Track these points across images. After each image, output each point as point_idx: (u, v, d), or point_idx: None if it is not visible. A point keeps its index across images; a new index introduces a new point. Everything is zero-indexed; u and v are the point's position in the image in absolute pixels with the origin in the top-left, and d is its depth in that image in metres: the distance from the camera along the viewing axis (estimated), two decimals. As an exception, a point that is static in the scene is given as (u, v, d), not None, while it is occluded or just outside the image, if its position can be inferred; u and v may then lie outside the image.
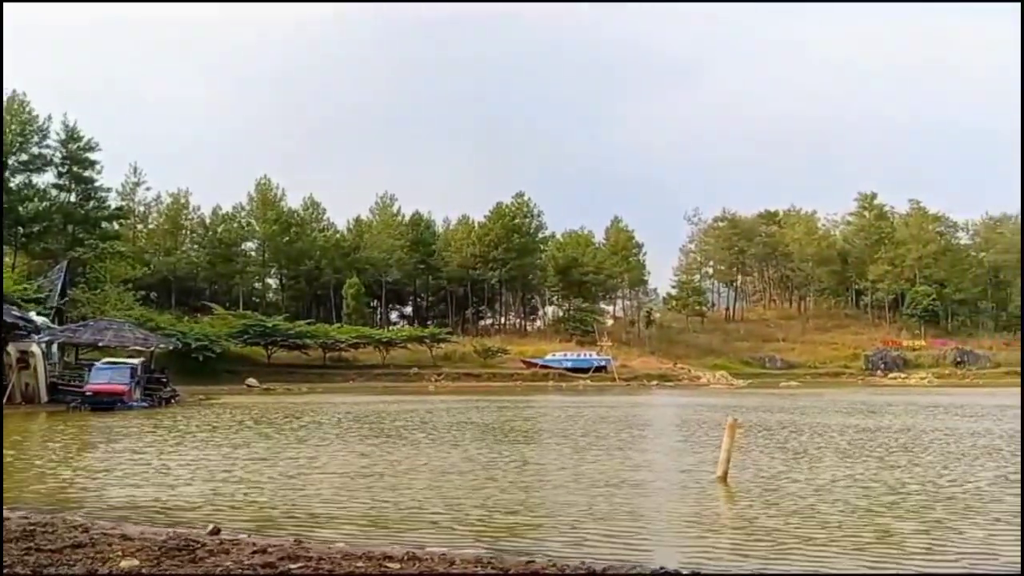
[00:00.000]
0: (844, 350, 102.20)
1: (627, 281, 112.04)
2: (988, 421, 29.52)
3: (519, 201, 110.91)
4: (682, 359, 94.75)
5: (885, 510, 11.63)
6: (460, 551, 8.74)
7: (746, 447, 19.50)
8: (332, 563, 7.62)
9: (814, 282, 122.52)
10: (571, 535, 10.09)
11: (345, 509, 11.68)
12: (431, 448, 19.92)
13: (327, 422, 28.91)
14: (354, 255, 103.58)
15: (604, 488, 13.65)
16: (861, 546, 9.45)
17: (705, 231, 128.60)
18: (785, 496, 12.94)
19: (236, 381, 67.32)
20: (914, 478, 14.70)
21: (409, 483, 14.07)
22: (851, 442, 21.69)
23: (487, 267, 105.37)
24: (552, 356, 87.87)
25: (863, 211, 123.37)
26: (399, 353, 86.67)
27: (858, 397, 51.65)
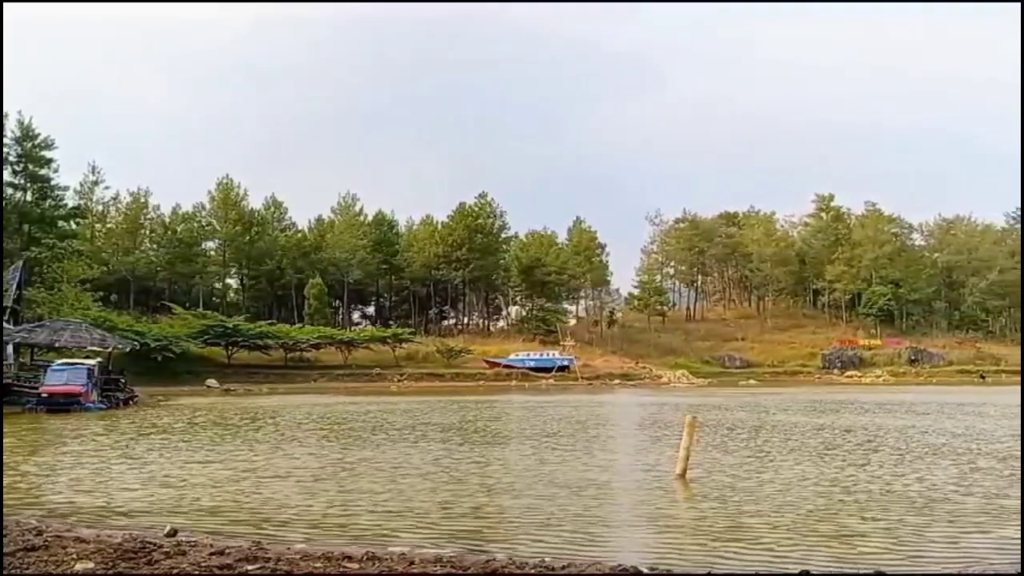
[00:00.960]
0: (802, 349, 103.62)
1: (590, 281, 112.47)
2: (947, 420, 30.12)
3: (482, 201, 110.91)
4: (644, 358, 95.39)
5: (842, 508, 11.81)
6: (420, 551, 8.73)
7: (705, 445, 19.75)
8: (290, 564, 7.62)
9: (773, 282, 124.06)
10: (532, 534, 10.16)
11: (305, 511, 11.63)
12: (392, 449, 19.86)
13: (287, 424, 28.70)
14: (316, 255, 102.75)
15: (565, 487, 13.73)
16: (818, 544, 9.59)
17: (666, 232, 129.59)
18: (743, 493, 13.12)
19: (196, 382, 66.55)
20: (871, 477, 14.91)
21: (370, 485, 14.03)
22: (809, 440, 22.04)
23: (450, 267, 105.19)
24: (515, 356, 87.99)
25: (820, 212, 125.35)
26: (362, 354, 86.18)
27: (816, 395, 52.40)
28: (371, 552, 8.33)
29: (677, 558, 8.90)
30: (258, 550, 8.24)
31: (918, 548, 9.37)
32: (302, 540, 9.40)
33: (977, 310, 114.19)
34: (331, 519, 11.07)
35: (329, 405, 41.00)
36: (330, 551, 8.34)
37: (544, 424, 28.21)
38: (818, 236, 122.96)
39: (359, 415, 33.05)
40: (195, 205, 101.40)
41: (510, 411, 36.91)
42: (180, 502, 12.34)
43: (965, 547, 9.38)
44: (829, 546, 9.50)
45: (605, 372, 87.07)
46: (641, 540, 10.17)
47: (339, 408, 38.21)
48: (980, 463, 16.72)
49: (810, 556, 8.94)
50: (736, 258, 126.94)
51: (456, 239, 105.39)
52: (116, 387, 40.77)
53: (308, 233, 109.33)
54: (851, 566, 8.49)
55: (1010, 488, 13.38)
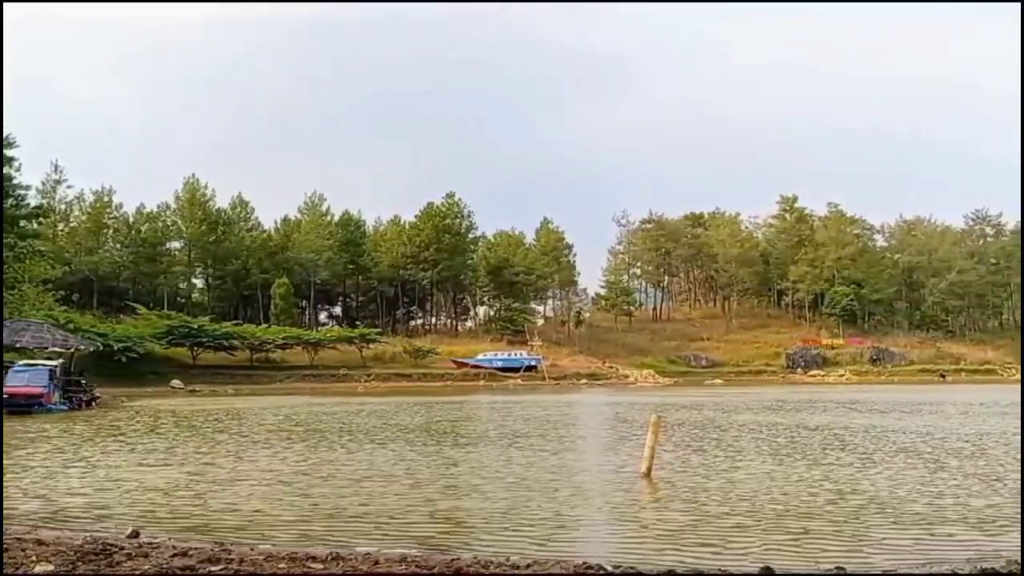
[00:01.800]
0: (766, 348, 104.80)
1: (557, 281, 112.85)
2: (910, 419, 30.60)
3: (450, 201, 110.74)
4: (611, 358, 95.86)
5: (806, 506, 11.94)
6: (385, 551, 8.73)
7: (670, 444, 19.94)
8: (254, 565, 7.61)
9: (737, 282, 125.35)
10: (499, 534, 10.19)
11: (270, 513, 11.57)
12: (358, 451, 19.79)
13: (252, 425, 28.49)
14: (282, 255, 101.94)
15: (531, 487, 13.80)
16: (781, 541, 9.71)
17: (633, 233, 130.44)
18: (707, 492, 13.26)
19: (161, 383, 65.71)
20: (835, 476, 15.06)
21: (336, 486, 13.98)
22: (773, 440, 22.31)
23: (418, 267, 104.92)
24: (483, 356, 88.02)
25: (784, 214, 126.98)
26: (328, 354, 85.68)
27: (780, 395, 53.03)
28: (336, 552, 8.34)
29: (641, 556, 8.96)
30: (221, 551, 8.21)
31: (881, 546, 9.48)
32: (266, 542, 9.35)
33: (937, 310, 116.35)
34: (296, 521, 11.02)
35: (295, 406, 40.73)
36: (294, 552, 8.33)
37: (511, 424, 28.27)
38: (782, 237, 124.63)
39: (325, 416, 32.88)
40: (160, 205, 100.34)
41: (477, 411, 36.95)
42: (142, 504, 12.22)
43: (928, 546, 9.48)
44: (792, 544, 9.60)
45: (572, 372, 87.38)
46: (606, 539, 10.25)
47: (305, 409, 37.98)
48: (947, 462, 16.93)
49: (773, 553, 9.04)
50: (702, 258, 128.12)
51: (423, 239, 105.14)
52: (79, 388, 40.20)
53: (274, 233, 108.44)
54: (813, 564, 8.57)
55: (977, 487, 13.56)
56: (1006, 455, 18.22)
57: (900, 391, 57.85)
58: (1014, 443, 20.64)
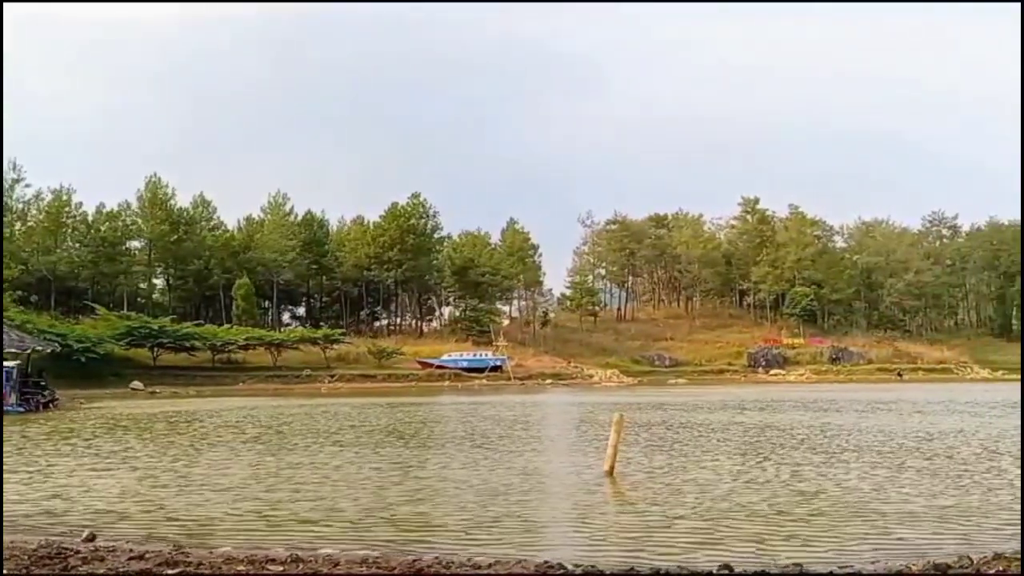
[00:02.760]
0: (728, 348, 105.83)
1: (523, 282, 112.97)
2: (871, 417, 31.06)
3: (415, 202, 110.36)
4: (576, 358, 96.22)
5: (766, 505, 12.09)
6: (346, 553, 8.73)
7: (633, 443, 20.10)
8: (213, 568, 7.58)
9: (700, 283, 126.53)
10: (462, 534, 10.23)
11: (230, 516, 11.49)
12: (320, 453, 19.68)
13: (213, 427, 28.23)
14: (245, 255, 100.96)
15: (495, 487, 13.85)
16: (741, 539, 9.84)
17: (598, 233, 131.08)
18: (669, 490, 13.41)
19: (120, 384, 64.81)
20: (797, 475, 15.26)
21: (298, 488, 13.92)
22: (735, 438, 22.58)
23: (382, 268, 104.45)
24: (448, 356, 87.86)
25: (746, 215, 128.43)
26: (291, 355, 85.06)
27: (742, 394, 53.64)
28: (296, 554, 8.32)
29: (603, 554, 9.04)
30: (179, 554, 8.17)
31: (838, 544, 9.61)
32: (225, 544, 9.28)
33: (895, 310, 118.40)
34: (256, 524, 10.97)
35: (257, 408, 40.36)
36: (254, 554, 8.30)
37: (476, 425, 28.27)
38: (744, 238, 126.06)
39: (287, 418, 32.64)
40: (120, 204, 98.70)
41: (442, 412, 36.89)
42: (98, 508, 12.07)
43: (884, 543, 9.62)
44: (752, 541, 9.71)
45: (538, 372, 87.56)
46: (569, 537, 10.31)
47: (267, 411, 37.65)
48: (903, 461, 17.17)
49: (733, 551, 9.14)
50: (665, 259, 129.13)
51: (388, 239, 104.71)
52: (36, 390, 39.49)
53: (237, 233, 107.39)
54: (773, 562, 8.66)
55: (931, 485, 13.78)
56: (960, 453, 18.61)
57: (859, 390, 58.80)
58: (971, 441, 21.10)
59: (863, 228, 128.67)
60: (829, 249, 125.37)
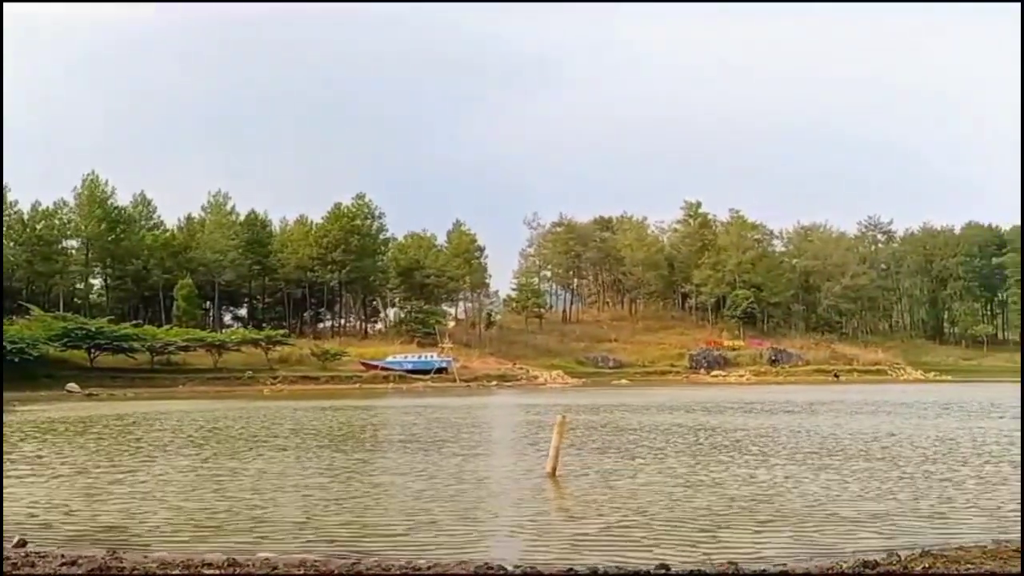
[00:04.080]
0: (671, 350, 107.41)
1: (469, 283, 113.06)
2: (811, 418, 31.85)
3: (359, 202, 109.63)
4: (521, 359, 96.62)
5: (705, 505, 12.30)
6: (285, 556, 8.71)
7: (576, 445, 20.27)
8: (147, 572, 7.54)
9: (644, 285, 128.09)
10: (404, 537, 10.26)
11: (166, 521, 11.36)
12: (260, 456, 19.52)
13: (151, 430, 27.73)
14: (185, 255, 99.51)
15: (438, 490, 13.91)
16: (680, 539, 10.03)
17: (544, 235, 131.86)
18: (610, 491, 13.59)
19: (56, 386, 63.15)
20: (735, 475, 15.52)
21: (236, 492, 13.80)
22: (675, 440, 22.91)
23: (326, 269, 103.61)
24: (392, 358, 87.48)
25: (689, 219, 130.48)
26: (233, 356, 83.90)
27: (684, 395, 54.37)
28: (232, 558, 8.28)
29: (543, 555, 9.14)
30: (113, 559, 8.08)
31: (773, 543, 9.82)
32: (161, 549, 9.21)
33: (831, 313, 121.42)
34: (193, 528, 10.88)
35: (197, 410, 39.70)
36: (190, 558, 8.24)
37: (419, 427, 28.26)
38: (686, 241, 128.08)
39: (227, 420, 32.20)
40: (56, 202, 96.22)
41: (386, 415, 36.73)
42: (29, 514, 11.83)
43: (816, 542, 9.84)
44: (689, 541, 9.90)
45: (483, 373, 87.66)
46: (510, 538, 10.40)
47: (207, 413, 37.09)
48: (834, 462, 17.56)
49: (671, 551, 9.32)
50: (610, 262, 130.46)
51: (331, 240, 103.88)
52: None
53: (177, 232, 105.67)
54: (709, 561, 8.79)
55: (864, 486, 14.06)
56: (890, 453, 19.19)
57: (797, 391, 59.97)
58: (904, 442, 21.68)
59: (801, 232, 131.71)
60: (768, 253, 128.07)
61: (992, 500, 12.59)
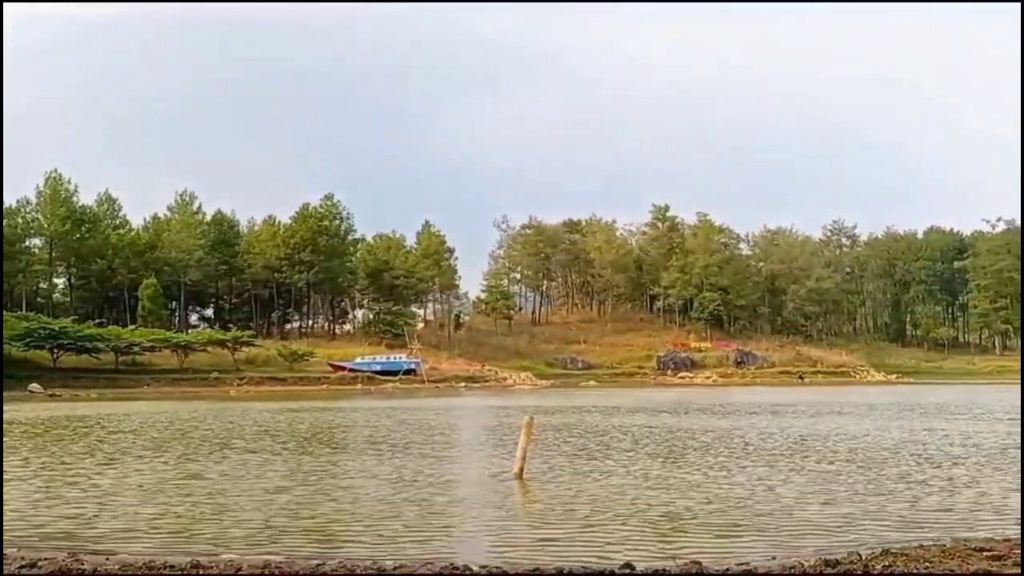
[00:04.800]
0: (639, 351, 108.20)
1: (438, 285, 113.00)
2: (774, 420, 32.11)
3: (328, 203, 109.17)
4: (490, 361, 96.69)
5: (671, 506, 12.41)
6: (248, 558, 8.70)
7: (543, 445, 20.27)
8: (108, 575, 7.53)
9: (612, 288, 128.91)
10: (371, 539, 10.28)
11: (129, 523, 11.30)
12: (227, 458, 19.41)
13: (115, 431, 27.44)
14: (151, 254, 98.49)
15: (405, 490, 13.94)
16: (645, 539, 10.14)
17: (513, 237, 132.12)
18: (577, 491, 13.70)
19: (18, 387, 62.10)
20: (702, 477, 15.63)
21: (202, 495, 13.74)
22: (641, 441, 23.07)
23: (294, 269, 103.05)
24: (361, 359, 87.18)
25: (657, 222, 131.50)
26: (199, 357, 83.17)
27: (651, 396, 54.75)
28: (196, 561, 8.25)
29: (510, 555, 9.20)
30: (73, 562, 8.04)
31: (736, 542, 9.98)
32: (123, 551, 9.15)
33: (797, 315, 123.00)
34: (157, 531, 10.83)
35: (162, 411, 39.32)
36: (152, 561, 8.20)
37: (387, 429, 28.22)
38: (654, 244, 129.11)
39: (193, 422, 31.93)
40: (19, 200, 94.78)
41: (353, 416, 36.62)
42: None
43: (780, 541, 9.96)
44: (654, 541, 10.03)
45: (452, 375, 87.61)
46: (477, 539, 10.45)
47: (172, 414, 36.75)
48: (798, 463, 17.79)
49: (635, 550, 9.40)
50: (579, 264, 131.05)
51: (300, 241, 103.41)
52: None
53: (143, 231, 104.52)
54: (673, 560, 8.86)
55: (835, 488, 14.09)
56: (855, 455, 19.47)
57: (762, 392, 60.67)
58: (869, 443, 21.96)
59: (768, 236, 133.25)
60: (735, 256, 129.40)
61: (954, 501, 12.78)
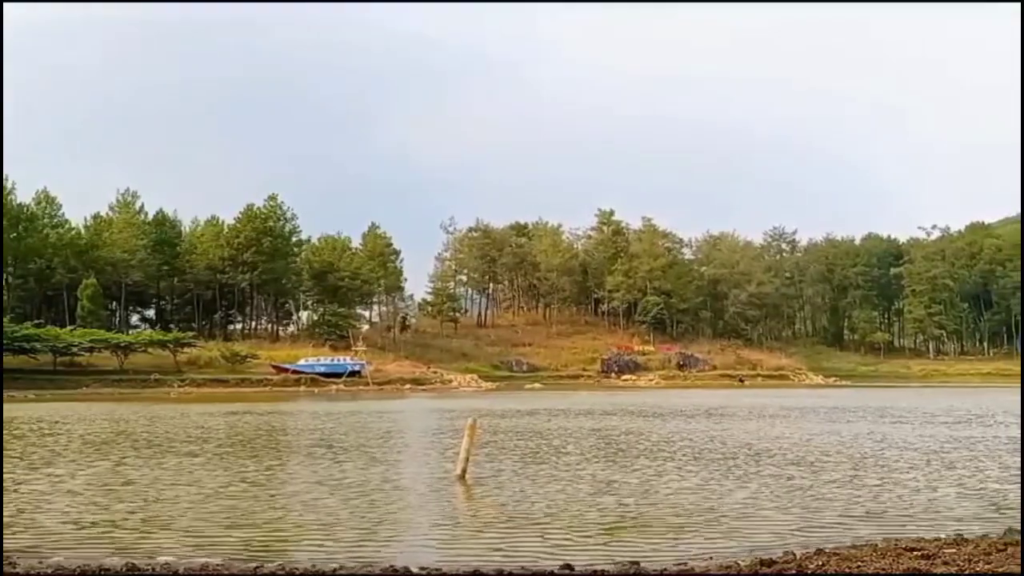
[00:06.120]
0: (583, 354, 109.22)
1: (383, 287, 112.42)
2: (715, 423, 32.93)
3: (272, 204, 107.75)
4: (436, 363, 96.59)
5: (606, 507, 12.73)
6: (186, 561, 8.76)
7: (486, 447, 20.61)
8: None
9: (558, 291, 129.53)
10: (312, 542, 10.44)
11: (65, 527, 11.25)
12: (166, 461, 19.31)
13: (52, 433, 27.02)
14: (91, 254, 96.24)
15: (347, 493, 14.11)
16: (584, 539, 10.47)
17: (460, 240, 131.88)
18: (518, 493, 14.04)
19: (-48, 389, 60.39)
20: (640, 478, 16.05)
21: (139, 499, 13.70)
22: (583, 443, 23.53)
23: (237, 270, 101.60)
24: (304, 361, 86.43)
25: (602, 226, 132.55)
26: (140, 358, 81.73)
27: (594, 399, 55.31)
28: (132, 563, 8.27)
29: (450, 556, 9.45)
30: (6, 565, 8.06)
31: (673, 543, 10.33)
32: (57, 555, 9.09)
33: (738, 319, 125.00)
34: (93, 534, 10.81)
35: (101, 413, 38.60)
36: (86, 565, 8.24)
37: (329, 431, 28.22)
38: (600, 248, 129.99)
39: (132, 424, 31.46)
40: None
41: (296, 419, 36.40)
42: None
43: (714, 541, 10.36)
44: (592, 541, 10.33)
45: (397, 377, 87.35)
46: (418, 540, 10.69)
47: (111, 416, 36.20)
48: (731, 465, 18.27)
49: (574, 551, 9.72)
50: (525, 267, 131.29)
51: (243, 241, 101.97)
52: None
53: (84, 231, 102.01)
54: (611, 560, 9.10)
55: (769, 490, 14.54)
56: (793, 457, 20.06)
57: (703, 395, 61.68)
58: (809, 446, 22.61)
59: (710, 241, 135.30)
60: (679, 260, 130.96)
61: (887, 502, 13.27)
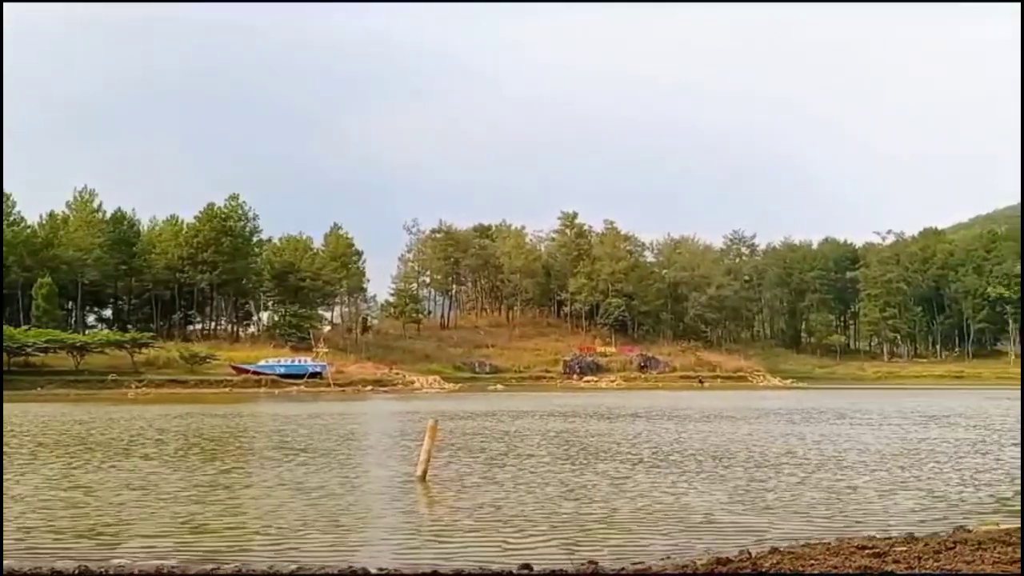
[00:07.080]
0: (546, 355, 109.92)
1: (345, 287, 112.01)
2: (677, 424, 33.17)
3: (232, 203, 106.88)
4: (398, 364, 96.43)
5: (567, 508, 12.86)
6: (140, 563, 8.74)
7: (447, 449, 20.73)
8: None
9: (521, 293, 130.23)
10: (271, 544, 10.44)
11: (19, 528, 11.20)
12: (123, 463, 19.19)
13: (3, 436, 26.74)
14: (47, 252, 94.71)
15: (307, 494, 14.15)
16: (544, 540, 10.59)
17: (423, 241, 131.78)
18: (479, 494, 14.17)
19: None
20: (598, 478, 16.21)
21: (93, 502, 13.62)
22: (544, 444, 23.73)
23: (196, 270, 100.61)
24: (265, 362, 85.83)
25: (565, 229, 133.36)
26: (96, 359, 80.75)
27: (556, 400, 55.56)
28: (84, 566, 8.25)
29: (409, 557, 9.53)
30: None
31: (631, 543, 10.44)
32: (9, 559, 9.05)
33: (698, 322, 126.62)
34: (45, 537, 10.76)
35: (54, 415, 38.01)
36: (38, 567, 8.23)
37: (289, 433, 28.15)
38: (562, 251, 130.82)
39: (88, 425, 31.09)
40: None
41: (255, 420, 36.15)
42: None
43: (673, 542, 10.47)
44: (555, 543, 10.42)
45: (359, 378, 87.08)
46: (378, 541, 10.73)
47: (66, 418, 35.69)
48: (688, 466, 18.42)
49: (536, 552, 9.80)
50: (488, 269, 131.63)
51: (203, 240, 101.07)
52: None
53: (39, 229, 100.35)
54: (570, 560, 9.16)
55: (726, 490, 14.67)
56: (751, 458, 20.33)
57: (664, 396, 62.21)
58: (764, 447, 22.91)
59: (671, 244, 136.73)
60: (640, 263, 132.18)
61: (842, 501, 13.54)
